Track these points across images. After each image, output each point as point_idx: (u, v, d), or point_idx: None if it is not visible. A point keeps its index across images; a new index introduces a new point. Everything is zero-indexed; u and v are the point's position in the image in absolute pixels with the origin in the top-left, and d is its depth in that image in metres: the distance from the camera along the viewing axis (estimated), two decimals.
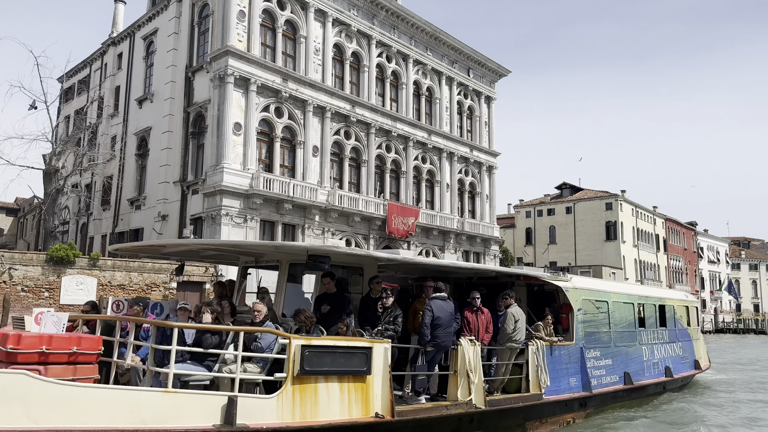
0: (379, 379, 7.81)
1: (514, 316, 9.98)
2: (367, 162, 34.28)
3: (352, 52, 34.28)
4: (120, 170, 34.34)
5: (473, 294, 9.93)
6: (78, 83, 41.75)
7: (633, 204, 66.06)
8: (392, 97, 36.96)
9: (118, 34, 37.25)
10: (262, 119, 29.14)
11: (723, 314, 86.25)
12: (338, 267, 9.63)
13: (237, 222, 26.88)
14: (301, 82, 30.56)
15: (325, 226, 30.94)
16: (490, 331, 9.87)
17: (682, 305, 17.27)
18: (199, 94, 29.80)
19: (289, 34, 31.13)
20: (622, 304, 13.53)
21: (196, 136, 29.94)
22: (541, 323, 10.88)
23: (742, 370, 24.84)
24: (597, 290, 12.79)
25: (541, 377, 10.23)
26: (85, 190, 37.60)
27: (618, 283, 16.91)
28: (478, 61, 42.90)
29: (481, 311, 9.78)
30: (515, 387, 10.21)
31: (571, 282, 11.83)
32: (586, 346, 11.70)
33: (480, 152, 42.71)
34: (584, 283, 12.55)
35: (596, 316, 12.28)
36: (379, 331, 8.47)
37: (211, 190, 26.86)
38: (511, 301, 10.26)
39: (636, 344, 13.82)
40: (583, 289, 12.11)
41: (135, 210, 32.53)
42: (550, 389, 10.41)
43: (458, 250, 39.37)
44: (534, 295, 12.24)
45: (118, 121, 35.61)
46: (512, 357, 10.06)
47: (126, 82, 35.55)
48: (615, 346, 12.79)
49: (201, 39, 30.54)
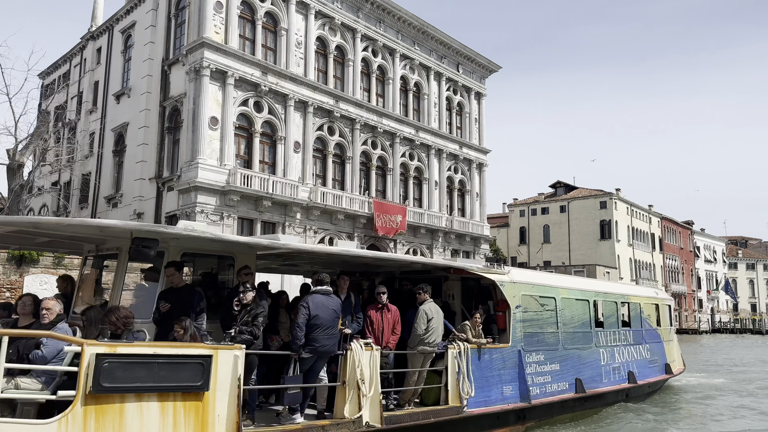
0: (224, 395, 6.24)
1: (426, 314, 8.52)
2: (352, 158, 33.39)
3: (336, 45, 33.38)
4: (97, 167, 33.43)
5: (378, 288, 8.63)
6: (59, 79, 40.84)
7: (628, 203, 65.23)
8: (378, 92, 36.07)
9: (97, 28, 36.33)
10: (241, 114, 28.23)
11: (720, 314, 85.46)
12: (205, 256, 8.21)
13: (213, 219, 25.97)
14: (281, 76, 29.66)
15: (307, 224, 30.05)
16: (398, 332, 8.51)
17: (650, 303, 15.57)
18: (175, 88, 28.88)
19: (270, 26, 30.23)
20: (575, 301, 11.89)
21: (172, 132, 29.03)
22: (468, 323, 9.41)
23: (729, 372, 23.72)
24: (542, 284, 11.19)
25: (463, 386, 8.73)
26: (63, 187, 36.73)
27: (570, 277, 15.06)
28: (468, 57, 42.01)
29: (387, 309, 8.46)
30: (434, 398, 8.78)
31: (509, 275, 10.35)
32: (527, 349, 10.20)
33: (470, 149, 41.82)
34: (525, 277, 11.06)
35: (540, 314, 10.76)
36: (228, 334, 6.95)
37: (185, 187, 25.96)
38: (425, 297, 8.78)
39: (591, 346, 12.14)
40: (524, 283, 10.60)
41: (112, 208, 31.62)
42: (475, 400, 8.92)
43: (447, 249, 38.48)
44: (470, 291, 10.84)
45: (97, 117, 34.69)
46: (426, 363, 8.61)
47: (104, 77, 34.64)
48: (564, 349, 11.19)
49: (177, 31, 29.63)
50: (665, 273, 72.89)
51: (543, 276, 12.88)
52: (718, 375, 22.05)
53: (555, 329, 11.08)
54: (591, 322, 12.23)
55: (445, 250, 38.23)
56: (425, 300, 8.69)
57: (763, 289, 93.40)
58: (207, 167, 26.05)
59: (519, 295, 10.23)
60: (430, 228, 36.80)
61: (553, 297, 11.20)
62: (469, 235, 40.00)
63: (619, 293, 14.12)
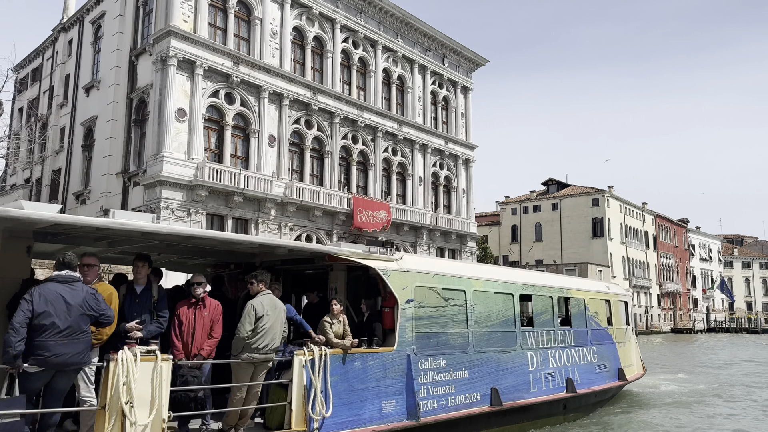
0: None
1: (255, 310, 6.62)
2: (331, 153, 32.25)
3: (314, 36, 32.25)
4: (67, 163, 32.27)
5: (193, 278, 6.94)
6: (32, 73, 39.68)
7: (621, 200, 64.20)
8: (359, 85, 34.95)
9: (68, 19, 35.15)
10: (211, 105, 27.08)
11: (715, 313, 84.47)
12: None
13: (179, 216, 24.83)
14: (254, 67, 28.51)
15: (282, 220, 28.90)
16: (217, 335, 6.72)
17: (598, 299, 13.44)
18: (142, 79, 27.74)
19: (243, 15, 29.08)
20: (493, 295, 9.97)
21: (139, 124, 27.87)
22: (328, 320, 7.41)
23: (714, 374, 21.97)
24: (446, 274, 9.23)
25: (314, 404, 6.78)
26: (35, 184, 35.60)
27: (490, 267, 12.79)
28: (454, 50, 40.89)
29: (203, 305, 6.72)
30: (278, 421, 6.92)
31: (398, 262, 8.41)
32: (420, 353, 8.27)
33: (456, 144, 40.70)
34: (423, 265, 9.00)
35: (444, 310, 8.90)
36: None
37: (150, 182, 24.80)
38: (259, 288, 6.87)
39: (515, 349, 10.19)
40: (419, 272, 8.64)
41: (81, 204, 30.44)
42: (336, 421, 7.03)
43: (432, 247, 37.37)
44: (358, 284, 9.12)
45: (67, 111, 33.52)
46: (259, 375, 6.77)
47: (75, 70, 33.47)
48: (476, 352, 9.29)
49: (146, 20, 28.46)
50: (659, 271, 71.86)
51: (449, 264, 11.04)
52: (702, 378, 20.42)
53: (464, 328, 9.20)
54: (516, 319, 10.34)
55: (429, 248, 37.12)
56: (259, 292, 6.89)
57: (759, 287, 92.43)
58: (173, 161, 24.89)
59: (412, 286, 8.36)
60: (414, 225, 35.68)
61: (463, 290, 9.34)
62: (455, 233, 38.89)
63: (555, 286, 11.99)
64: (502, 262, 60.91)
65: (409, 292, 8.30)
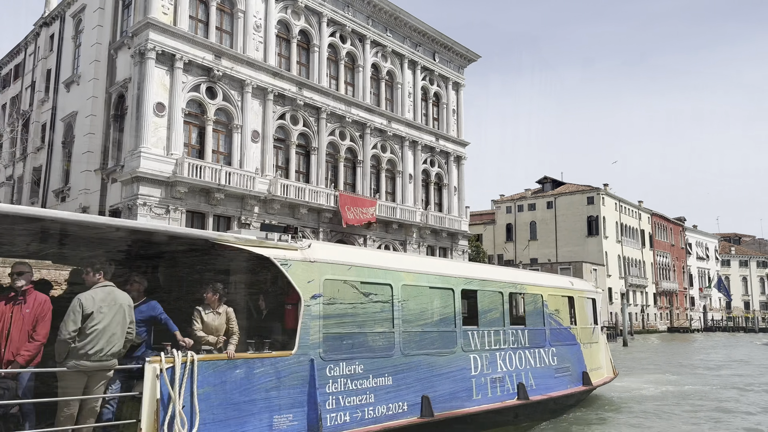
0: None
1: (82, 306, 5.47)
2: (318, 150, 31.58)
3: (300, 30, 31.56)
4: (48, 159, 31.57)
5: (14, 267, 5.69)
6: (14, 69, 38.97)
7: (616, 198, 63.60)
8: (347, 80, 34.28)
9: (49, 14, 34.45)
10: (191, 100, 26.40)
11: (712, 312, 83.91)
12: None
13: (157, 213, 24.15)
14: (237, 60, 27.83)
15: (266, 217, 28.22)
16: (40, 338, 5.51)
17: (559, 295, 12.17)
18: (121, 73, 27.04)
19: (225, 7, 28.38)
20: (427, 290, 8.79)
21: (118, 120, 27.18)
22: (200, 309, 6.36)
23: (701, 375, 20.90)
24: (366, 266, 8.05)
25: (171, 423, 5.63)
26: (17, 182, 34.91)
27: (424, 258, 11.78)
28: (445, 45, 40.23)
29: (23, 301, 5.53)
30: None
31: (304, 251, 7.23)
32: (328, 358, 7.17)
33: (447, 141, 40.04)
34: (335, 255, 7.79)
35: (363, 307, 7.78)
36: None
37: (127, 178, 24.13)
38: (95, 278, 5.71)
39: (455, 351, 9.04)
40: (330, 263, 7.47)
41: (60, 202, 29.74)
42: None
43: (422, 245, 36.72)
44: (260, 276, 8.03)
45: (49, 107, 32.82)
46: (97, 387, 5.58)
47: (56, 65, 32.77)
48: (404, 356, 8.13)
49: (125, 13, 27.77)
50: (656, 270, 71.29)
51: (372, 254, 9.89)
52: (691, 380, 19.50)
53: (389, 328, 8.07)
54: (456, 318, 9.17)
55: (420, 246, 36.47)
56: (95, 283, 5.72)
57: (756, 286, 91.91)
58: (151, 156, 24.21)
59: (320, 280, 7.23)
60: (404, 223, 35.01)
61: (389, 284, 8.18)
62: (445, 231, 38.24)
63: (506, 281, 10.74)
64: (496, 261, 60.27)
65: (316, 286, 7.17)
